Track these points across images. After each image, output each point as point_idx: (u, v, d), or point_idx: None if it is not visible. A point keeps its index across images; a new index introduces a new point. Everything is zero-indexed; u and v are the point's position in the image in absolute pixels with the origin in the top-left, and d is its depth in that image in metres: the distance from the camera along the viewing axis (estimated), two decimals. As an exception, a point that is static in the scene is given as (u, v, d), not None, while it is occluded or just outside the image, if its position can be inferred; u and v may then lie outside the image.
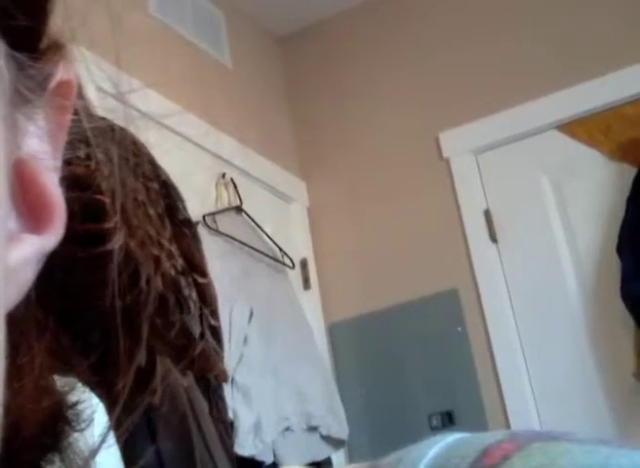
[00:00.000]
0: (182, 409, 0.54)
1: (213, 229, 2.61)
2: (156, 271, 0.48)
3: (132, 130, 0.42)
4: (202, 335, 0.58)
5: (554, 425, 2.70)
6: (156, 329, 0.49)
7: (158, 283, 0.49)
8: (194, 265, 0.57)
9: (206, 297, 0.58)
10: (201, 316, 0.58)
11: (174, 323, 0.53)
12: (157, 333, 0.48)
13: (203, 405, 0.57)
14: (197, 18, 3.03)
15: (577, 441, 0.26)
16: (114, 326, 0.40)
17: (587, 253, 2.83)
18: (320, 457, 2.62)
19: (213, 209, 2.70)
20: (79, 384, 0.39)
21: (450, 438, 0.28)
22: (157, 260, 0.50)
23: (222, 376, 0.61)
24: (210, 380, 0.60)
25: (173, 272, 0.54)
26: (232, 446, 0.63)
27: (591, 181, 2.86)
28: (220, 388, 0.63)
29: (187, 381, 0.56)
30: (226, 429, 0.61)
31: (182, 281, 0.55)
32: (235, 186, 2.81)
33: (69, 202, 0.32)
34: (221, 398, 0.62)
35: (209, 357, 0.58)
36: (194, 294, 0.56)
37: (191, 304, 0.56)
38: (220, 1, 3.18)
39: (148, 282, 0.46)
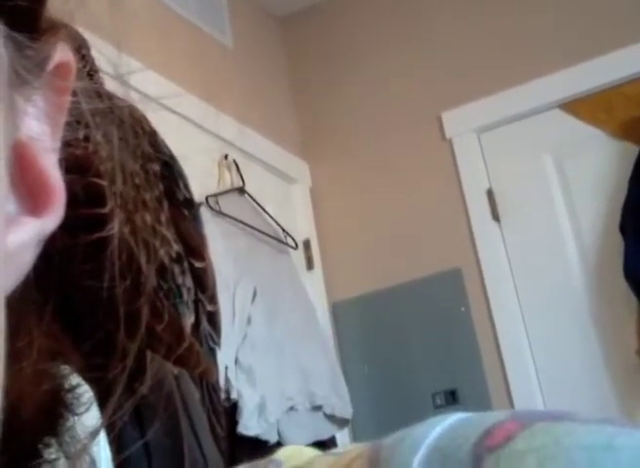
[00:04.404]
0: (171, 398, 0.54)
1: (215, 210, 2.61)
2: (149, 259, 0.48)
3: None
4: (197, 322, 0.58)
5: (557, 403, 2.71)
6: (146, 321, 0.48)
7: (151, 273, 0.49)
8: (192, 249, 0.56)
9: (203, 282, 0.57)
10: (196, 302, 0.57)
11: (162, 317, 0.53)
12: (146, 327, 0.48)
13: (194, 393, 0.57)
14: (198, -2, 3.01)
15: (580, 420, 0.26)
16: (110, 313, 0.40)
17: (590, 232, 2.83)
18: (324, 436, 2.63)
19: (215, 190, 2.69)
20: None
21: (452, 418, 0.28)
22: (151, 248, 0.50)
23: (208, 374, 0.60)
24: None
25: (167, 260, 0.53)
26: (224, 435, 0.62)
27: (594, 160, 2.86)
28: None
29: (178, 370, 0.55)
30: (218, 418, 0.60)
31: (176, 268, 0.54)
32: (238, 168, 2.81)
33: (68, 185, 0.32)
34: (215, 387, 0.61)
35: (195, 354, 0.57)
36: (189, 281, 0.55)
37: (184, 292, 0.55)
38: (220, -19, 3.16)
39: (142, 270, 0.46)
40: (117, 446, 0.47)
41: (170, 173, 0.57)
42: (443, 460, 0.26)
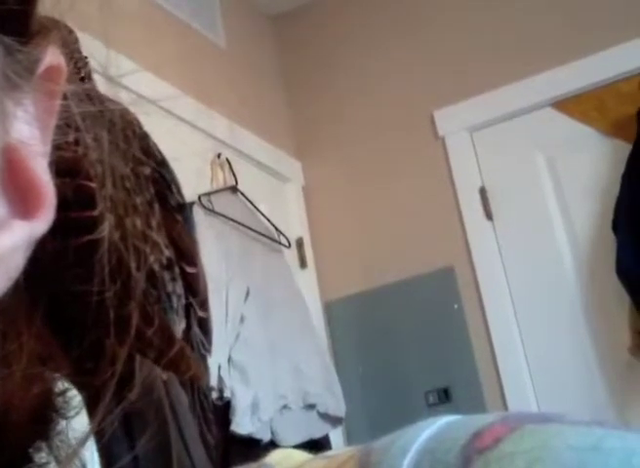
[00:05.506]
0: (160, 404, 0.53)
1: (208, 209, 2.61)
2: (139, 266, 0.47)
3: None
4: (188, 328, 0.57)
5: (550, 400, 2.71)
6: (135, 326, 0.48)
7: (141, 278, 0.49)
8: (183, 253, 0.56)
9: (194, 287, 0.57)
10: (187, 307, 0.57)
11: (152, 321, 0.52)
12: (136, 331, 0.47)
13: (183, 400, 0.56)
14: (190, -3, 3.01)
15: (569, 422, 0.26)
16: (100, 317, 0.40)
17: (583, 230, 2.83)
18: (318, 435, 2.63)
19: (208, 189, 2.69)
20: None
21: (442, 420, 0.28)
22: (141, 253, 0.50)
23: (198, 379, 0.59)
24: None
25: (157, 267, 0.53)
26: (214, 443, 0.62)
27: (586, 158, 2.86)
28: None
29: (167, 375, 0.55)
30: (208, 425, 0.60)
31: (167, 275, 0.54)
32: (230, 166, 2.81)
33: (58, 188, 0.32)
34: (205, 393, 0.61)
35: (185, 358, 0.56)
36: (179, 288, 0.55)
37: (174, 300, 0.55)
38: (213, -20, 3.15)
39: (132, 274, 0.46)
40: (105, 452, 0.47)
41: (162, 177, 0.57)
42: (432, 463, 0.26)
